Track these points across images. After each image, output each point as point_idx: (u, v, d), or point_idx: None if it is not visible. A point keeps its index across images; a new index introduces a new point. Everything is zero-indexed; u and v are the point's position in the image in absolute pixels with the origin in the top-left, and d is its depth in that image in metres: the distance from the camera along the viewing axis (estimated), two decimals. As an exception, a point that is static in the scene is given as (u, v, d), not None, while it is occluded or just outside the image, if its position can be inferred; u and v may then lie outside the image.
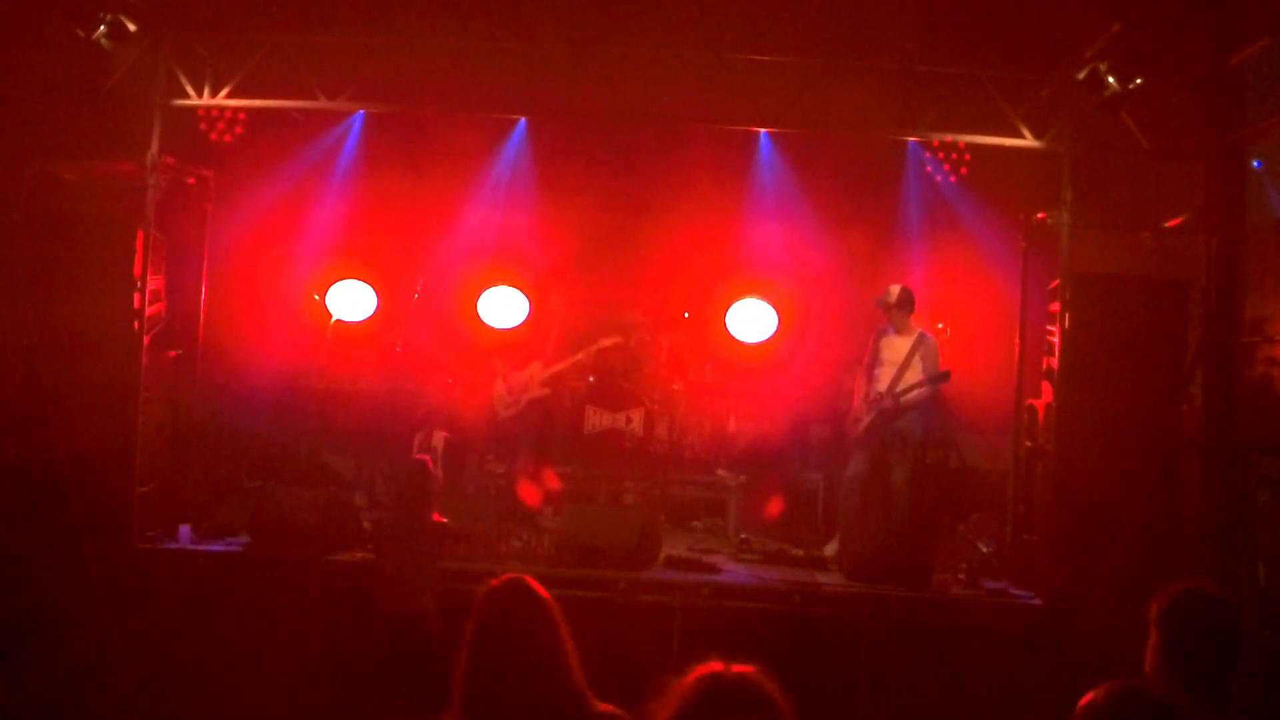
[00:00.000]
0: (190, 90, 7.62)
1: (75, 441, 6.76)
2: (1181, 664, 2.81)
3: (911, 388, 7.55)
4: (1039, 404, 7.59)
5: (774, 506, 8.65)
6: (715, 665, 2.05)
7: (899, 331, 7.80)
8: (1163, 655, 2.84)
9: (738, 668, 2.05)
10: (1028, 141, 7.49)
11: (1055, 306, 7.42)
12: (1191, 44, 7.05)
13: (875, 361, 7.86)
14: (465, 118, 8.65)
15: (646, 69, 7.74)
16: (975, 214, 8.90)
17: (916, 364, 7.63)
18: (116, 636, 6.52)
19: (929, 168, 8.81)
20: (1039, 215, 7.79)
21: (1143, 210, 7.93)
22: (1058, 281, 7.39)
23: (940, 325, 8.63)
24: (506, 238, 9.50)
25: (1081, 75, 6.96)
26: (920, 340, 7.71)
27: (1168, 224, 7.52)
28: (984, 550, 7.73)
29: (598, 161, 9.55)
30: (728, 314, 9.32)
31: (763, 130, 8.58)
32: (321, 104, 7.81)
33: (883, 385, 7.71)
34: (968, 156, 8.39)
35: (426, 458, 6.38)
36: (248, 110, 7.96)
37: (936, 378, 7.51)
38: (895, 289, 7.77)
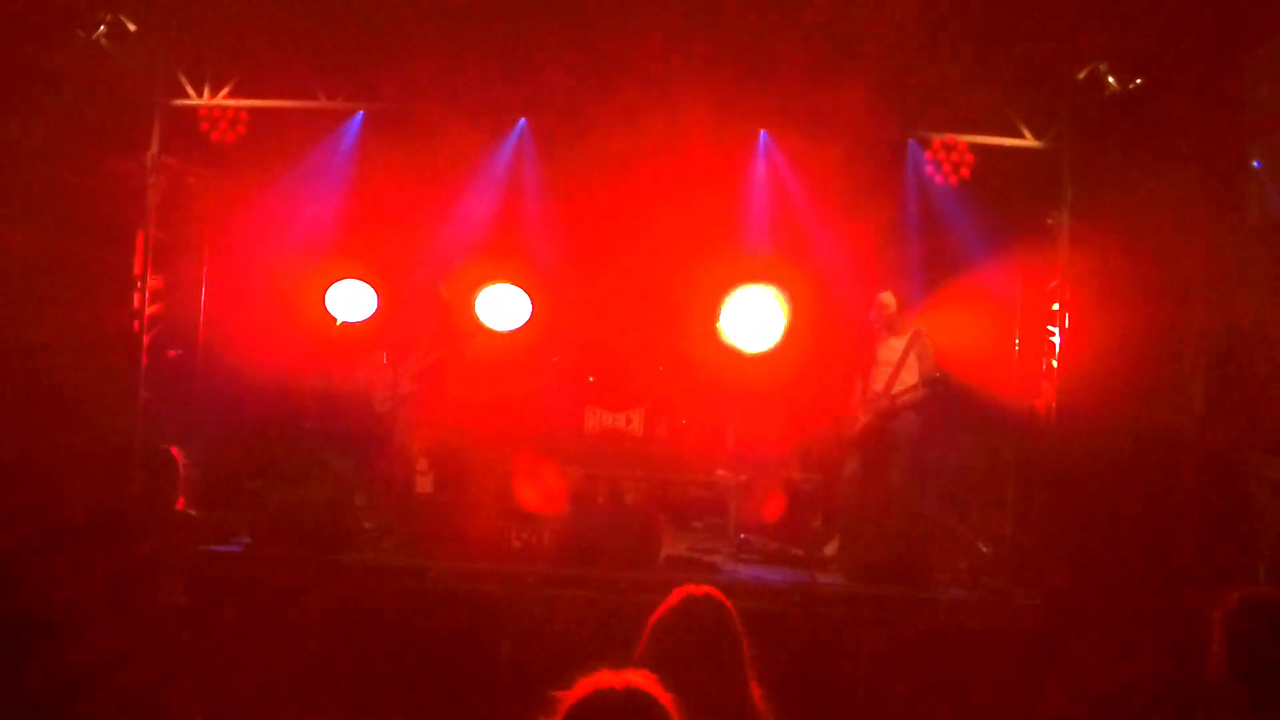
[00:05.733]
0: (190, 90, 7.63)
1: (75, 442, 6.76)
2: (1247, 670, 2.83)
3: (908, 389, 7.56)
4: (1039, 404, 7.59)
5: (774, 506, 8.64)
6: (603, 678, 1.98)
7: (894, 332, 7.81)
8: (1228, 661, 2.86)
9: (627, 679, 1.98)
10: (1028, 141, 7.50)
11: (1055, 306, 7.42)
12: (1191, 44, 7.05)
13: (871, 361, 7.88)
14: (465, 117, 8.64)
15: (646, 68, 7.74)
16: (975, 214, 8.88)
17: (912, 362, 7.65)
18: (116, 636, 6.51)
19: (929, 168, 8.80)
20: (1039, 215, 7.79)
21: (1143, 210, 7.92)
22: (1058, 281, 7.38)
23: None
24: (505, 236, 9.48)
25: (1081, 75, 6.97)
26: (915, 338, 7.72)
27: (1167, 224, 7.51)
28: (984, 550, 7.72)
29: (597, 161, 9.53)
30: (728, 314, 9.30)
31: (763, 130, 8.58)
32: (321, 104, 7.82)
33: (879, 385, 7.72)
34: (968, 156, 8.37)
35: (173, 448, 6.08)
36: (248, 110, 7.96)
37: (931, 381, 7.52)
38: (891, 298, 7.79)
